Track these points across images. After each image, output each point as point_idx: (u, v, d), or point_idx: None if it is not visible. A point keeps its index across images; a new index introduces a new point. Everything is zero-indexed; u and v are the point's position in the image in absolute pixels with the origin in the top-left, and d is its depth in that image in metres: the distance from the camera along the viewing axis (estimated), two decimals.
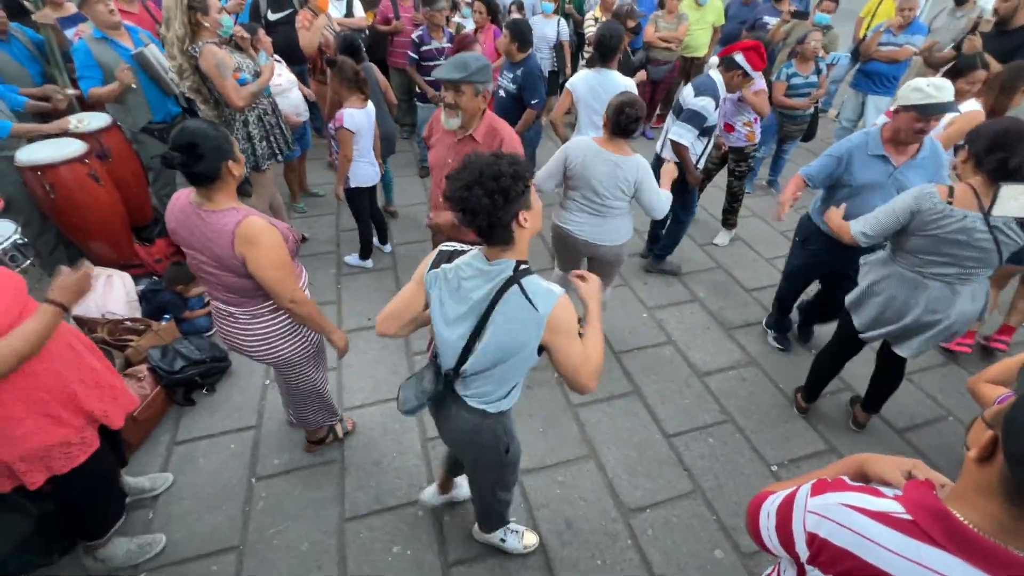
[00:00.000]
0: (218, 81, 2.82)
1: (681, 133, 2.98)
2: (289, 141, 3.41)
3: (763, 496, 1.02)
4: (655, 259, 3.73)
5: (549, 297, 1.32)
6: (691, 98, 2.98)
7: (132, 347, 2.68)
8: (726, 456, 2.53)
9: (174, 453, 2.46)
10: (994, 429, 0.72)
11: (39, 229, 3.06)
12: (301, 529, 2.18)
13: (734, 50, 2.94)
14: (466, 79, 2.04)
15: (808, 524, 0.88)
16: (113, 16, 3.06)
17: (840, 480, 0.91)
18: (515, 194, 1.25)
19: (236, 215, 1.63)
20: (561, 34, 5.29)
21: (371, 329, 3.22)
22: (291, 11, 4.81)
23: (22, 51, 3.35)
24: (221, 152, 1.58)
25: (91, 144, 2.97)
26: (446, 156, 2.32)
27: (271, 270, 1.66)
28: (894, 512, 0.80)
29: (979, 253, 1.91)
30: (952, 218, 1.87)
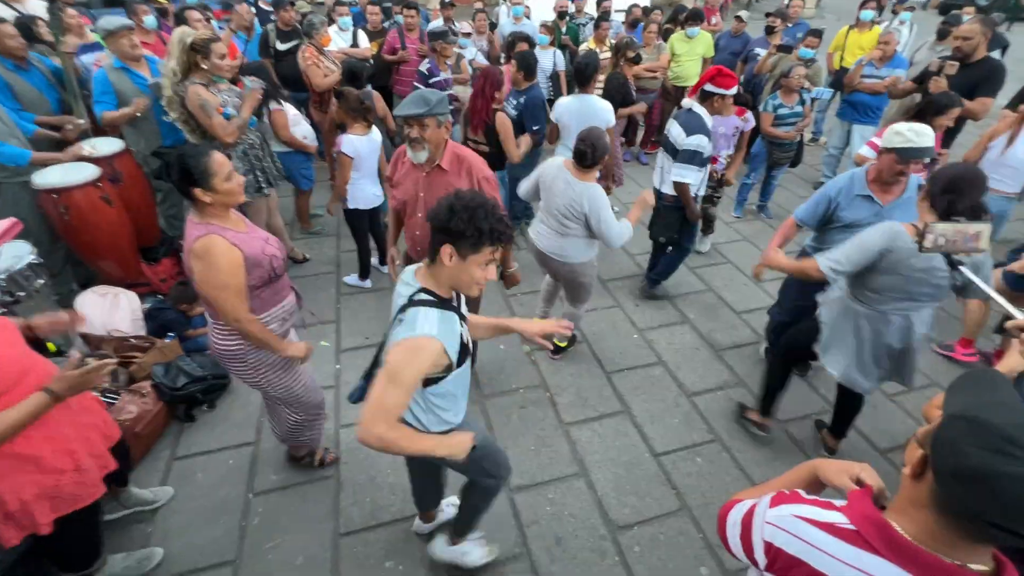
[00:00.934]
0: (205, 121, 2.97)
1: (683, 174, 3.09)
2: (275, 174, 3.50)
3: (730, 505, 1.10)
4: (650, 283, 3.82)
5: (405, 329, 1.40)
6: (684, 138, 3.07)
7: (136, 363, 2.77)
8: (713, 475, 2.59)
9: (173, 468, 2.52)
10: (924, 449, 0.80)
11: (49, 249, 3.15)
12: (296, 544, 2.23)
13: (701, 84, 3.12)
14: (428, 113, 2.13)
15: (765, 534, 0.96)
16: (135, 50, 3.32)
17: (796, 493, 0.99)
18: (454, 229, 1.35)
19: (202, 230, 1.73)
20: (557, 64, 5.50)
21: (370, 347, 3.30)
22: (298, 42, 5.02)
23: (41, 79, 3.51)
24: (188, 179, 1.70)
25: (104, 168, 3.10)
26: (416, 190, 2.37)
27: (211, 288, 1.75)
28: (840, 523, 0.89)
29: (934, 290, 2.02)
30: (919, 257, 1.90)
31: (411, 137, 2.20)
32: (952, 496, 0.75)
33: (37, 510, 1.57)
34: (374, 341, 3.34)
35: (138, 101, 3.28)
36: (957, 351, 3.33)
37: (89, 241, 3.05)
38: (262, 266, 1.82)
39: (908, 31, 6.18)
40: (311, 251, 4.22)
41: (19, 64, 3.37)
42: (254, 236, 1.85)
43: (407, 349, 1.38)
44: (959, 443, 0.74)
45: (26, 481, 1.53)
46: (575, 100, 3.61)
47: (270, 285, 1.90)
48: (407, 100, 2.19)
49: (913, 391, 3.11)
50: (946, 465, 0.75)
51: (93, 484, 1.71)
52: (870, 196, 2.42)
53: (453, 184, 2.28)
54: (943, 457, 0.76)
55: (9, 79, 3.31)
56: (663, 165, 3.30)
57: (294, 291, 2.11)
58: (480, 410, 2.88)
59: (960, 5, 6.54)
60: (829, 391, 3.08)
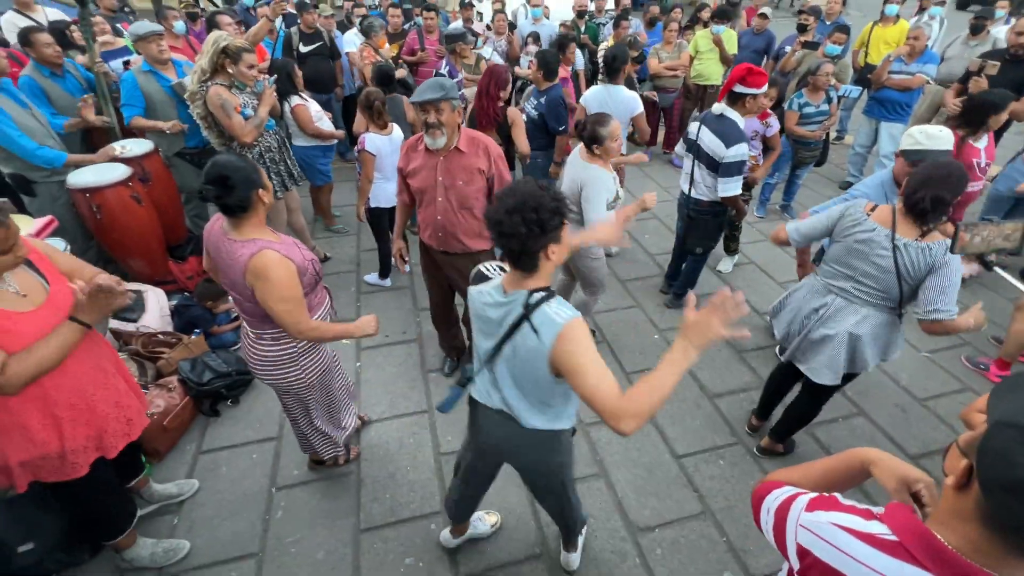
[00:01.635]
0: (224, 121, 3.02)
1: (730, 187, 2.96)
2: (294, 174, 3.56)
3: (768, 487, 1.07)
4: (675, 296, 3.72)
5: (552, 327, 1.31)
6: (724, 150, 2.87)
7: (164, 359, 2.83)
8: (736, 478, 2.54)
9: (199, 461, 2.57)
10: (968, 458, 0.76)
11: (83, 247, 3.26)
12: (318, 538, 2.25)
13: (730, 86, 2.93)
14: (444, 97, 2.18)
15: (800, 537, 0.93)
16: (163, 54, 3.44)
17: (834, 498, 0.96)
18: (551, 228, 1.31)
19: (252, 247, 1.69)
20: (576, 63, 5.47)
21: (390, 345, 3.33)
22: (320, 43, 5.10)
23: (75, 85, 3.64)
24: (250, 182, 1.66)
25: (134, 168, 3.19)
26: (435, 175, 2.39)
27: (277, 303, 1.72)
28: (880, 534, 0.85)
29: (876, 271, 1.98)
30: (862, 227, 2.00)
31: (428, 123, 2.23)
32: (1002, 509, 0.71)
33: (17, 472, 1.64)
34: (394, 339, 3.37)
35: (174, 124, 3.43)
36: (992, 371, 3.15)
37: (119, 239, 3.13)
38: (307, 272, 1.83)
39: (938, 26, 6.01)
40: (332, 250, 4.27)
41: (55, 71, 3.50)
42: (288, 244, 1.84)
43: (579, 336, 1.31)
44: (1011, 453, 0.69)
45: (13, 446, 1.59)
46: (602, 90, 3.65)
47: (314, 290, 1.92)
48: (422, 87, 2.22)
49: (945, 396, 3.03)
50: (996, 476, 0.71)
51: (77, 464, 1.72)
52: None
53: (473, 164, 2.35)
54: (992, 468, 0.71)
55: (45, 85, 3.44)
56: (693, 172, 3.13)
57: (326, 290, 2.13)
58: None
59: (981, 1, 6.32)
60: (856, 394, 3.01)
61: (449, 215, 2.44)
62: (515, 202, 1.29)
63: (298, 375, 2.02)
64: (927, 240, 1.89)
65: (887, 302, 2.05)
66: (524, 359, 1.41)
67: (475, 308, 1.53)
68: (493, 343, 1.47)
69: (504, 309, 1.42)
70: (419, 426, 2.78)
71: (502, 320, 1.43)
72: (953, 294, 1.88)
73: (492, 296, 1.45)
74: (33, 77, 3.41)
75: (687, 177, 3.20)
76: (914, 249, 1.89)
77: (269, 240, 1.75)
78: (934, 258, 1.88)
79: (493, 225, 1.33)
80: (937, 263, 1.88)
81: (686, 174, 3.22)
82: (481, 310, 1.49)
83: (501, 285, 1.45)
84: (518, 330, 1.39)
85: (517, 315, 1.38)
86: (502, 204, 1.32)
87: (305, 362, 2.02)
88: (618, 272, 4.09)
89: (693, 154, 3.11)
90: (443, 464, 2.57)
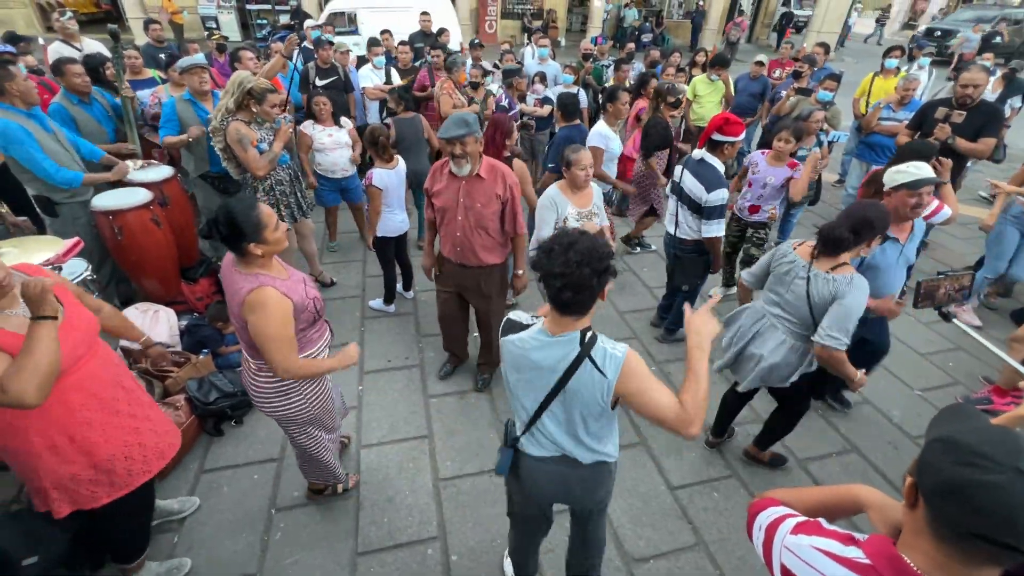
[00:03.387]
0: (240, 154, 3.17)
1: (713, 229, 3.08)
2: (303, 206, 3.67)
3: (763, 504, 1.14)
4: (667, 332, 3.80)
5: (615, 362, 1.41)
6: (706, 195, 3.00)
7: (172, 378, 2.90)
8: (730, 511, 2.57)
9: (201, 480, 2.61)
10: (912, 476, 0.86)
11: (99, 265, 3.37)
12: (315, 560, 2.27)
13: (708, 136, 3.05)
14: (469, 132, 2.46)
15: (783, 558, 1.00)
16: (204, 86, 3.70)
17: (818, 523, 1.03)
18: (610, 272, 1.39)
19: (254, 282, 1.74)
20: (581, 102, 5.71)
21: (392, 370, 3.39)
22: (335, 78, 5.34)
23: (102, 112, 3.84)
24: (242, 236, 1.70)
25: (155, 193, 3.33)
26: (457, 197, 2.67)
27: (266, 341, 1.75)
28: (857, 558, 0.92)
29: (793, 298, 2.25)
30: (786, 258, 2.31)
31: (455, 154, 2.50)
32: (939, 515, 0.80)
33: (54, 498, 1.70)
34: (396, 364, 3.44)
35: (192, 129, 3.62)
36: (996, 403, 3.20)
37: (137, 259, 3.25)
38: (308, 310, 1.90)
39: (927, 76, 6.30)
40: (338, 275, 4.38)
41: (83, 99, 3.70)
42: (295, 280, 1.90)
43: (637, 364, 1.42)
44: (935, 462, 0.81)
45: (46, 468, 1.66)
46: (601, 127, 3.96)
47: (314, 325, 1.99)
48: (449, 123, 2.48)
49: None
50: (929, 484, 0.81)
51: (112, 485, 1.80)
52: (895, 238, 2.51)
53: (491, 189, 2.64)
54: (925, 476, 0.82)
55: (73, 112, 3.63)
56: (677, 212, 3.26)
57: (327, 323, 2.18)
58: (499, 436, 2.92)
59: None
60: (849, 430, 3.06)
61: (468, 232, 2.72)
62: (580, 256, 1.33)
63: (299, 406, 2.04)
64: (836, 273, 2.12)
65: (802, 329, 2.28)
66: (585, 395, 1.45)
67: (515, 358, 1.51)
68: (544, 392, 1.50)
69: (556, 351, 1.44)
70: (419, 451, 2.82)
71: (556, 364, 1.45)
72: (846, 325, 2.06)
73: (538, 339, 1.46)
74: (63, 104, 3.59)
75: (672, 218, 3.33)
76: (822, 279, 2.14)
77: (273, 277, 1.79)
78: (837, 287, 2.10)
79: (556, 278, 1.34)
80: (839, 293, 2.09)
81: (671, 215, 3.33)
82: (523, 357, 1.49)
83: (544, 329, 1.47)
84: (577, 369, 1.43)
85: (575, 355, 1.42)
86: (564, 257, 1.34)
87: (306, 392, 2.04)
88: (617, 304, 4.18)
89: (677, 196, 3.23)
90: (441, 490, 2.61)
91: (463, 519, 2.47)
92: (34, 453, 1.65)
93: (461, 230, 2.72)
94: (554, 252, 1.37)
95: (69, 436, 1.67)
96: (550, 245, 1.39)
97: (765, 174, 3.67)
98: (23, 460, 1.67)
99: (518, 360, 1.51)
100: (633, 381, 1.41)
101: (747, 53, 14.67)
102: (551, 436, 1.59)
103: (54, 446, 1.66)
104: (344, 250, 4.80)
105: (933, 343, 3.88)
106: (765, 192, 3.70)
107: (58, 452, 1.67)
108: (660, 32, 16.43)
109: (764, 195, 3.71)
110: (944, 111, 3.91)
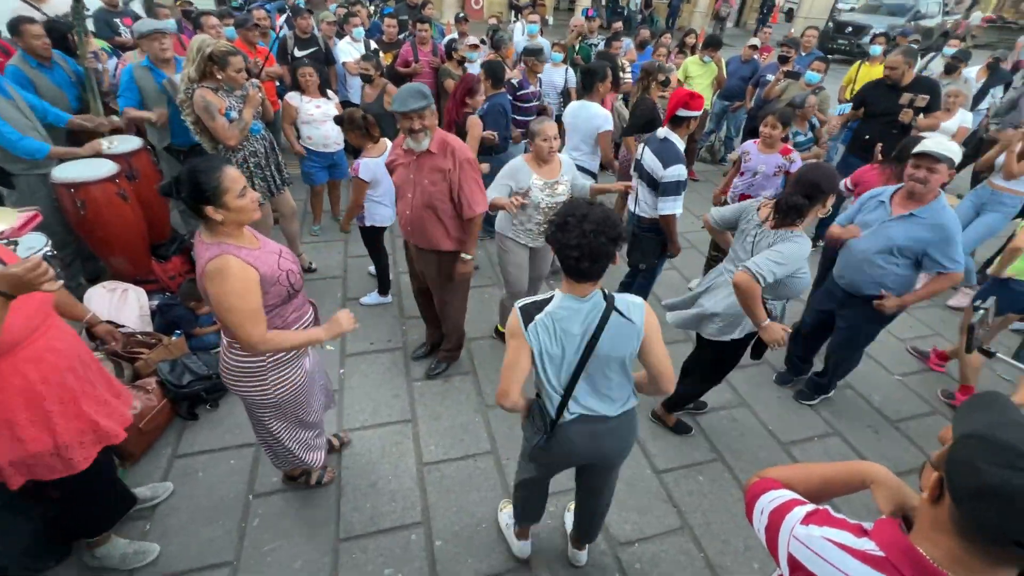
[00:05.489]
0: (209, 123, 2.99)
1: (667, 206, 2.99)
2: (281, 179, 3.48)
3: (763, 486, 1.10)
4: None
5: (638, 307, 1.54)
6: (663, 170, 2.93)
7: (143, 360, 2.77)
8: (715, 494, 2.58)
9: (174, 466, 2.51)
10: (939, 471, 0.81)
11: (62, 242, 3.18)
12: (295, 547, 2.21)
13: (673, 111, 2.97)
14: (427, 105, 2.33)
15: (792, 547, 0.97)
16: (165, 52, 3.46)
17: (827, 512, 0.99)
18: (623, 238, 1.45)
19: (215, 250, 1.62)
20: (569, 81, 5.57)
21: (375, 353, 3.31)
22: (315, 49, 5.12)
23: (63, 77, 3.58)
24: (199, 196, 1.58)
25: (122, 165, 3.14)
26: (408, 173, 2.57)
27: (225, 312, 1.63)
28: (870, 550, 0.89)
29: (744, 254, 2.35)
30: (745, 218, 2.40)
31: (414, 129, 2.35)
32: (972, 516, 0.75)
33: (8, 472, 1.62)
34: (379, 347, 3.36)
35: (159, 111, 3.43)
36: (957, 399, 3.25)
37: (103, 236, 3.07)
38: (279, 283, 1.75)
39: None
40: (318, 256, 4.24)
41: (43, 62, 3.44)
42: (268, 251, 1.77)
43: (650, 312, 1.56)
44: (974, 462, 0.75)
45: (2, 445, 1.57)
46: (577, 104, 3.81)
47: (290, 302, 1.84)
48: (404, 96, 2.30)
49: (916, 418, 3.13)
50: (962, 485, 0.76)
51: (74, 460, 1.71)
52: (882, 201, 2.64)
53: (439, 165, 2.48)
54: (959, 476, 0.76)
55: (32, 76, 3.38)
56: (637, 189, 3.19)
57: (311, 304, 2.05)
58: (483, 420, 2.88)
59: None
60: (831, 414, 3.10)
61: (418, 211, 2.59)
62: (594, 225, 1.39)
63: (264, 390, 1.89)
64: (788, 229, 2.20)
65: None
66: (618, 347, 1.53)
67: (549, 335, 1.52)
68: (574, 364, 1.55)
69: (584, 313, 1.52)
70: (402, 435, 2.76)
71: (585, 327, 1.51)
72: (772, 264, 2.08)
73: (567, 307, 1.51)
74: (20, 67, 3.34)
75: (633, 195, 3.26)
76: (770, 234, 2.24)
77: (237, 246, 1.66)
78: (776, 237, 2.20)
79: (573, 249, 1.40)
80: (777, 239, 2.20)
81: (632, 193, 3.25)
82: (557, 330, 1.51)
83: (569, 295, 1.53)
84: (607, 324, 1.50)
85: (602, 311, 1.50)
86: (580, 229, 1.39)
87: (274, 378, 1.89)
88: None
89: (637, 173, 3.18)
90: (425, 474, 2.56)
91: (448, 504, 2.43)
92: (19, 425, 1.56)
93: (412, 208, 2.59)
94: (568, 225, 1.40)
95: (27, 410, 1.58)
96: (563, 219, 1.42)
97: (756, 162, 3.60)
98: None
99: (553, 334, 1.53)
100: (651, 323, 1.56)
101: (734, 38, 14.61)
102: (583, 403, 1.65)
103: (10, 421, 1.56)
104: (324, 230, 4.64)
105: (913, 329, 3.95)
106: (756, 181, 3.63)
107: (14, 427, 1.57)
108: (649, 13, 16.20)
109: (755, 183, 3.64)
110: (909, 96, 4.08)
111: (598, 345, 1.52)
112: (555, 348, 1.54)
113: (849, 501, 2.40)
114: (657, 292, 3.99)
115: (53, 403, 1.61)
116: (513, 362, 1.56)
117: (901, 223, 2.51)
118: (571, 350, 1.54)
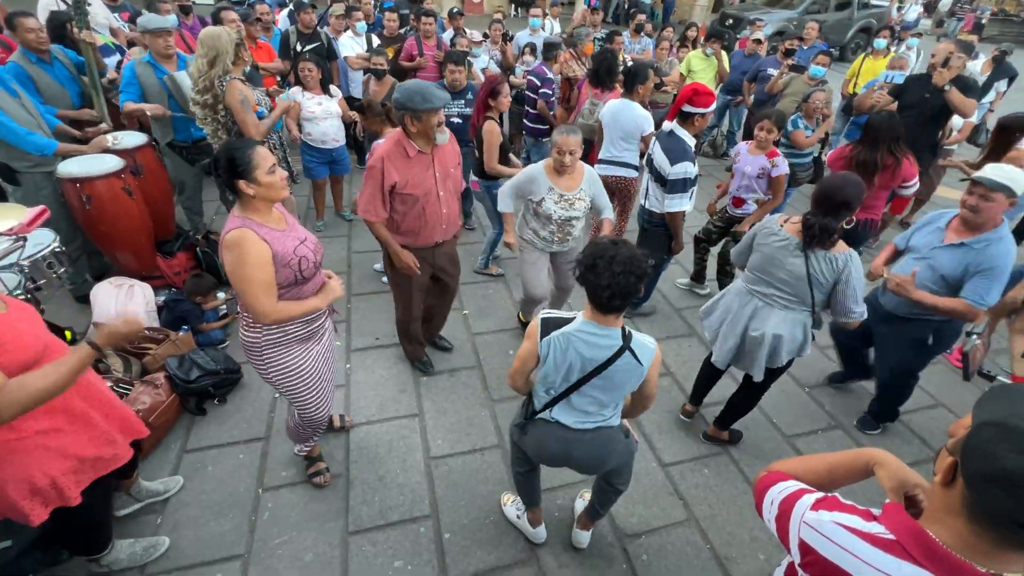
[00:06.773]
0: (239, 116, 2.98)
1: (675, 203, 3.00)
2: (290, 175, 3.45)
3: (772, 479, 1.12)
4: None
5: (650, 353, 1.62)
6: (670, 167, 2.93)
7: (150, 355, 2.78)
8: (720, 487, 2.60)
9: (184, 460, 2.53)
10: (954, 456, 0.83)
11: (68, 238, 3.18)
12: (306, 540, 2.23)
13: (680, 106, 2.96)
14: (447, 100, 2.37)
15: (803, 533, 0.98)
16: (168, 49, 3.43)
17: (836, 499, 1.01)
18: (648, 272, 1.51)
19: (237, 223, 1.74)
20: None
21: (380, 348, 3.32)
22: (318, 44, 5.10)
23: (63, 72, 3.56)
24: (233, 170, 1.71)
25: (127, 160, 3.14)
26: (431, 172, 2.44)
27: (237, 281, 1.74)
28: (880, 534, 0.90)
29: (790, 277, 2.20)
30: (777, 236, 2.24)
31: (440, 122, 2.36)
32: (985, 501, 0.77)
33: (65, 484, 1.63)
34: (384, 342, 3.37)
35: (157, 107, 3.41)
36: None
37: (108, 232, 3.08)
38: (289, 267, 1.81)
39: (916, 56, 6.30)
40: None
41: (42, 57, 3.42)
42: (290, 235, 1.84)
43: (658, 356, 1.66)
44: (990, 447, 0.77)
45: (52, 456, 1.58)
46: (619, 103, 3.62)
47: (296, 287, 1.89)
48: (430, 93, 2.23)
49: (920, 411, 3.15)
50: (978, 469, 0.78)
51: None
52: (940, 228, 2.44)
53: (454, 147, 2.58)
54: (975, 461, 0.78)
55: (32, 72, 3.36)
56: (648, 185, 3.21)
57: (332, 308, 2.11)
58: (490, 414, 2.90)
59: None
60: (834, 407, 3.12)
61: (451, 203, 2.60)
62: (623, 266, 1.46)
63: (264, 367, 1.99)
64: (833, 251, 2.12)
65: (800, 307, 2.26)
66: (618, 380, 1.64)
67: (562, 351, 1.61)
68: (576, 376, 1.64)
69: (599, 345, 1.59)
70: (409, 429, 2.78)
71: (598, 355, 1.59)
72: (859, 295, 2.15)
73: (586, 332, 1.58)
74: (20, 63, 3.32)
75: (643, 190, 3.29)
76: (822, 257, 2.13)
77: (260, 223, 1.77)
78: (838, 268, 2.11)
79: (605, 289, 1.46)
80: (842, 273, 2.11)
81: (643, 187, 3.29)
82: (570, 350, 1.60)
83: (589, 321, 1.59)
84: (618, 359, 1.58)
85: (616, 348, 1.58)
86: (610, 271, 1.45)
87: (267, 357, 1.95)
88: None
89: (647, 168, 3.20)
90: (433, 468, 2.58)
91: (456, 497, 2.45)
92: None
93: (446, 205, 2.55)
94: (598, 267, 1.47)
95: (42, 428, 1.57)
96: (592, 261, 1.49)
97: (744, 163, 3.54)
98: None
99: (565, 352, 1.61)
100: (654, 368, 1.66)
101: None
102: (559, 414, 1.77)
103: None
104: (328, 226, 4.64)
105: None
106: (743, 184, 3.56)
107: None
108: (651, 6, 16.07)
109: (742, 186, 3.57)
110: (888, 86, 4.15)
111: (601, 375, 1.61)
112: (561, 364, 1.63)
113: (854, 494, 2.41)
114: (661, 288, 4.00)
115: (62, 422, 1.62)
116: (523, 357, 1.73)
117: (949, 251, 2.32)
118: (575, 371, 1.63)
